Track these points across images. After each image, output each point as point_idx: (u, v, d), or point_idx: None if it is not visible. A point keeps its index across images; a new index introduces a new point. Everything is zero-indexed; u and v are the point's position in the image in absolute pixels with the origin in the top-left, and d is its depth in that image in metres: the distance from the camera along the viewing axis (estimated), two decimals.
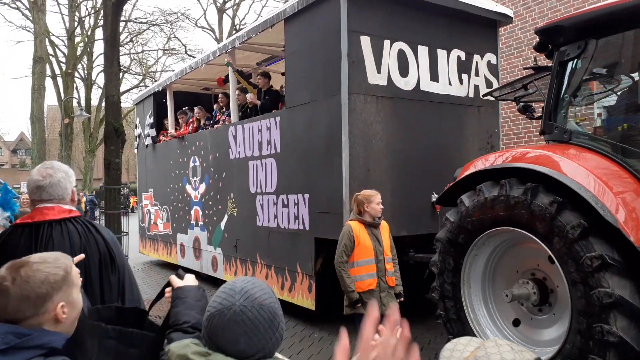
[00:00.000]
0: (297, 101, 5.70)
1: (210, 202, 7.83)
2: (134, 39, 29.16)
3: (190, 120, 8.98)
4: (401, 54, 5.43)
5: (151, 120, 10.08)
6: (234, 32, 25.02)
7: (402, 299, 4.37)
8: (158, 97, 10.12)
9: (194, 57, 26.53)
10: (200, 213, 8.16)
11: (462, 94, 5.95)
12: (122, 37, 21.22)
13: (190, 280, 1.67)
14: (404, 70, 5.44)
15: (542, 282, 3.67)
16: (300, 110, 5.66)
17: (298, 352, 4.93)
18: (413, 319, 5.43)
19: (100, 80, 27.60)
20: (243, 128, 6.85)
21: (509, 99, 4.99)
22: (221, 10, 27.59)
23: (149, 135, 10.10)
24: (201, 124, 8.75)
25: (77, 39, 25.84)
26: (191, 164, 8.43)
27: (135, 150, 11.40)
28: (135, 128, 11.29)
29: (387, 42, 5.31)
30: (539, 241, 3.34)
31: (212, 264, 7.79)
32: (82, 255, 1.85)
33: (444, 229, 4.07)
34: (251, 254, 6.68)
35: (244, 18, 35.68)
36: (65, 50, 25.66)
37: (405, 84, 5.45)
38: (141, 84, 31.23)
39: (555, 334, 3.50)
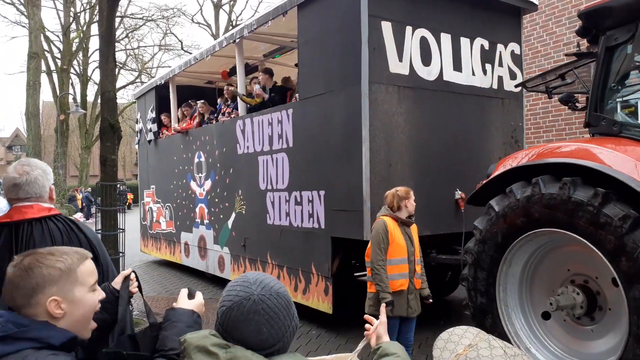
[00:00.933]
0: (312, 92, 5.37)
1: (216, 200, 7.50)
2: (129, 34, 28.97)
3: (195, 114, 8.63)
4: (423, 42, 5.10)
5: (153, 114, 9.74)
6: (231, 27, 24.72)
7: (431, 300, 4.14)
8: (160, 91, 9.79)
9: (190, 53, 26.43)
10: (206, 211, 7.83)
11: (486, 85, 5.63)
12: (117, 32, 21.07)
13: (196, 301, 1.59)
14: (426, 59, 5.11)
15: (588, 288, 3.35)
16: (315, 102, 5.32)
17: None
18: (434, 321, 5.18)
19: (96, 76, 27.32)
20: (252, 121, 6.52)
21: (541, 91, 4.66)
22: (217, 6, 27.38)
23: (150, 130, 9.76)
24: (205, 118, 8.41)
25: (73, 35, 25.57)
26: (196, 160, 8.09)
27: (136, 146, 11.06)
28: (137, 123, 10.94)
29: (409, 29, 4.98)
30: (581, 239, 3.03)
31: (218, 263, 7.46)
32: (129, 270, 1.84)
33: (474, 240, 3.75)
34: (261, 254, 6.35)
35: (240, 14, 35.45)
36: (61, 46, 25.42)
37: (428, 73, 5.12)
38: (137, 80, 31.24)
39: (608, 345, 3.18)
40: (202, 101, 8.48)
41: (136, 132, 10.95)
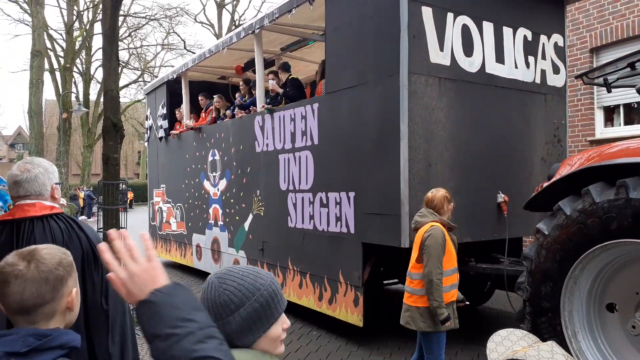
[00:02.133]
0: (341, 85, 4.94)
1: (232, 200, 7.09)
2: (132, 33, 28.88)
3: (210, 108, 8.22)
4: (465, 30, 4.66)
5: (164, 111, 9.34)
6: (233, 27, 24.56)
7: (467, 302, 3.86)
8: (171, 86, 9.39)
9: (193, 53, 26.52)
10: (220, 212, 7.42)
11: (529, 79, 5.18)
12: (120, 31, 21.01)
13: None
14: (468, 49, 4.67)
15: None
16: (345, 95, 4.89)
17: None
18: (466, 334, 4.74)
19: (99, 75, 27.13)
20: (272, 117, 6.10)
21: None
22: (220, 6, 27.21)
23: (161, 127, 9.36)
24: (220, 114, 8.00)
25: (76, 33, 25.45)
26: (210, 158, 7.68)
27: (146, 144, 10.67)
28: (146, 120, 10.55)
29: (450, 16, 4.54)
30: None
31: None
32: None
33: (536, 244, 3.31)
34: (281, 259, 5.93)
35: (243, 13, 35.38)
36: (64, 45, 25.26)
37: (470, 64, 4.68)
38: (140, 79, 31.32)
39: None
40: (218, 95, 8.07)
41: (145, 129, 10.55)
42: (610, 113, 7.29)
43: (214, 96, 8.12)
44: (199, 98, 8.58)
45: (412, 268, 3.54)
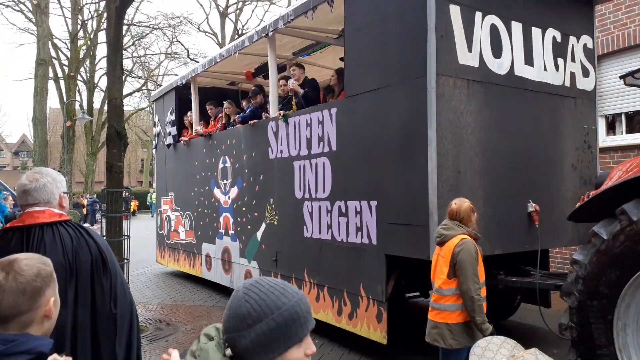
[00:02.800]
0: (361, 88, 4.71)
1: (243, 209, 6.84)
2: (136, 42, 29.13)
3: (220, 115, 8.01)
4: (494, 30, 4.42)
5: (172, 117, 9.15)
6: (236, 36, 24.70)
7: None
8: (180, 93, 9.20)
9: (197, 62, 26.48)
10: (231, 221, 7.18)
11: (558, 83, 4.93)
12: (124, 40, 21.15)
13: None
14: (496, 50, 4.43)
15: None
16: (366, 99, 4.66)
17: None
18: None
19: (103, 83, 27.44)
20: (287, 123, 5.87)
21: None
22: (224, 15, 27.32)
23: (170, 134, 9.16)
24: (231, 120, 7.78)
25: (80, 42, 25.64)
26: (220, 165, 7.45)
27: (154, 151, 10.47)
28: (154, 126, 10.36)
29: (478, 15, 4.31)
30: None
31: (245, 279, 6.78)
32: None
33: (591, 248, 3.05)
34: (296, 271, 5.67)
35: (246, 23, 35.65)
36: (68, 53, 25.45)
37: (499, 66, 4.44)
38: (143, 88, 31.56)
39: None
40: (229, 101, 7.87)
41: (153, 136, 10.35)
42: (612, 122, 7.14)
43: (225, 102, 7.91)
44: (207, 107, 8.36)
45: (444, 284, 3.29)
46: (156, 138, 10.15)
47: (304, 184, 5.55)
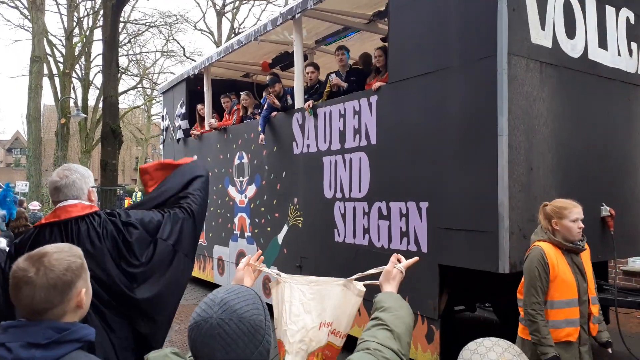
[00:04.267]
0: (410, 72, 4.09)
1: (262, 209, 6.23)
2: (132, 40, 28.94)
3: (235, 108, 7.40)
4: (567, 7, 3.81)
5: (183, 110, 8.53)
6: (233, 35, 24.44)
7: (611, 350, 2.97)
8: (191, 84, 8.60)
9: (193, 60, 26.44)
10: (248, 222, 6.56)
11: (632, 69, 4.33)
12: (120, 38, 20.80)
13: None
14: (570, 30, 3.82)
15: None
16: (415, 85, 4.04)
17: None
18: None
19: (98, 80, 27.01)
20: (315, 114, 5.26)
21: None
22: (220, 14, 26.99)
23: (179, 128, 8.55)
24: (248, 112, 7.18)
25: (75, 39, 25.46)
26: (236, 161, 6.84)
27: (161, 146, 9.85)
28: (162, 120, 9.75)
29: None
30: None
31: (263, 285, 6.17)
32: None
33: None
34: None
35: (243, 22, 35.67)
36: (63, 50, 25.22)
37: (572, 48, 3.83)
38: (138, 86, 31.52)
39: None
40: (246, 92, 7.25)
41: (162, 130, 9.75)
42: None
43: (242, 93, 7.30)
44: (223, 100, 7.73)
45: (519, 293, 2.96)
46: (164, 132, 9.53)
47: (335, 182, 4.94)
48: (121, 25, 22.81)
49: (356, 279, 2.11)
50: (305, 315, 1.97)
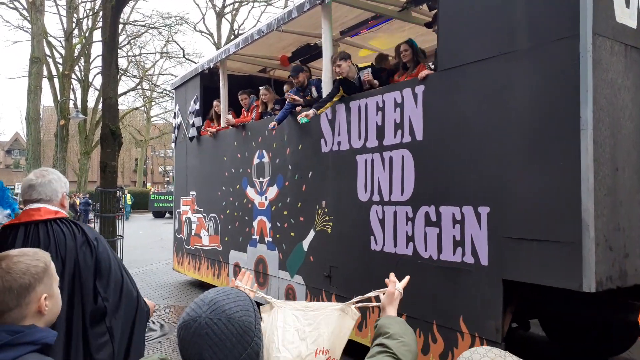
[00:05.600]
0: (466, 58, 3.59)
1: (285, 212, 5.74)
2: (131, 41, 29.06)
3: (254, 105, 6.92)
4: None
5: (197, 106, 8.07)
6: (232, 37, 24.39)
7: None
8: (206, 79, 8.13)
9: (192, 61, 26.25)
10: (268, 226, 6.07)
11: None
12: (120, 39, 20.90)
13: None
14: None
15: None
16: (473, 72, 3.54)
17: None
18: None
19: (97, 82, 27.38)
20: (347, 108, 4.77)
21: None
22: (220, 15, 26.93)
23: (193, 125, 8.08)
24: (268, 108, 6.69)
25: (75, 41, 25.44)
26: (256, 161, 6.36)
27: (173, 145, 9.39)
28: (174, 117, 9.29)
29: None
30: None
31: (286, 296, 5.68)
32: None
33: None
34: (358, 292, 4.53)
35: (242, 23, 35.71)
36: (63, 52, 25.19)
37: None
38: (138, 87, 31.76)
39: None
40: (266, 87, 6.77)
41: (173, 127, 9.29)
42: None
43: (261, 88, 6.81)
44: (240, 97, 7.23)
45: None
46: (176, 130, 9.07)
47: (371, 183, 4.44)
48: (121, 26, 23.18)
49: (354, 303, 2.03)
50: (300, 343, 1.91)
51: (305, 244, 5.36)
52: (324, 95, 5.18)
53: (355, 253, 4.60)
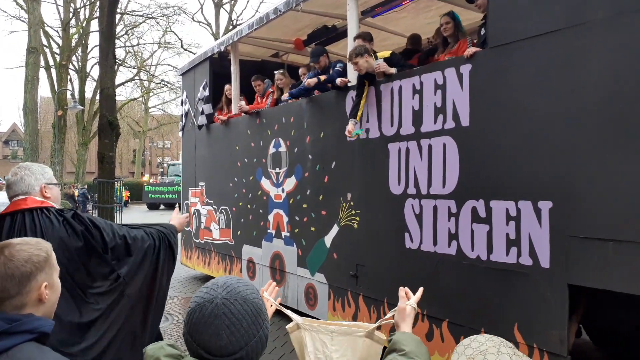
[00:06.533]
0: (522, 32, 3.14)
1: (304, 205, 5.33)
2: (129, 31, 28.88)
3: (270, 90, 6.48)
4: None
5: (206, 93, 7.63)
6: (231, 27, 24.38)
7: None
8: (215, 64, 7.69)
9: (191, 52, 25.94)
10: (286, 220, 5.67)
11: None
12: (117, 29, 21.03)
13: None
14: None
15: None
16: (531, 48, 3.10)
17: None
18: None
19: (95, 72, 27.93)
20: (378, 91, 4.33)
21: None
22: (218, 5, 26.72)
23: (202, 113, 7.65)
24: (284, 94, 6.25)
25: (72, 31, 25.16)
26: (271, 150, 5.94)
27: (180, 133, 8.97)
28: (181, 104, 8.86)
29: None
30: None
31: (306, 295, 5.29)
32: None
33: None
34: (390, 293, 4.15)
35: (241, 13, 35.55)
36: (60, 42, 24.93)
37: None
38: (136, 78, 31.60)
39: None
40: (281, 71, 6.33)
41: (180, 115, 8.86)
42: None
43: (276, 72, 6.38)
44: (254, 83, 6.78)
45: None
46: (183, 118, 8.63)
47: (406, 175, 4.02)
48: (118, 16, 23.20)
49: (377, 327, 1.96)
50: None
51: (328, 239, 4.96)
52: (350, 78, 4.74)
53: (386, 251, 4.19)
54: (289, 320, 2.14)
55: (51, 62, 24.77)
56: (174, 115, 35.45)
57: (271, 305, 1.81)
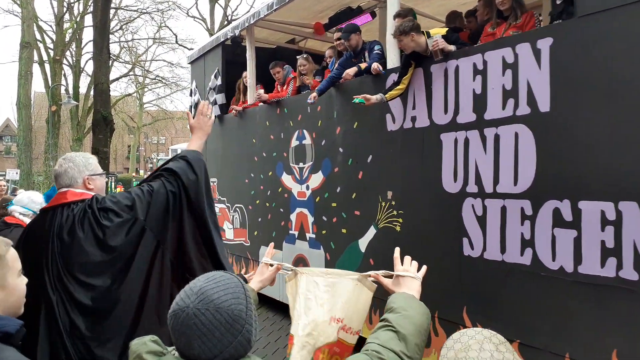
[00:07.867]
0: None
1: (333, 204, 4.77)
2: (123, 26, 28.50)
3: (291, 76, 5.91)
4: None
5: (218, 82, 7.06)
6: (226, 23, 23.98)
7: None
8: (228, 51, 7.12)
9: (186, 47, 25.50)
10: (311, 220, 5.11)
11: None
12: (112, 24, 20.56)
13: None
14: None
15: None
16: (637, 13, 2.54)
17: None
18: None
19: (89, 68, 26.62)
20: (427, 73, 3.77)
21: None
22: (213, 0, 26.43)
23: (215, 103, 7.08)
24: (306, 81, 5.69)
25: (66, 25, 24.83)
26: (294, 143, 5.37)
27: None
28: (190, 95, 8.29)
29: None
30: None
31: None
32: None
33: None
34: (443, 307, 3.59)
35: (236, 9, 35.26)
36: (54, 36, 24.65)
37: None
38: (130, 73, 31.38)
39: None
40: (304, 55, 5.75)
41: (190, 106, 8.29)
42: None
43: (299, 57, 5.79)
44: (274, 71, 6.18)
45: None
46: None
47: (464, 170, 3.46)
48: (112, 11, 22.70)
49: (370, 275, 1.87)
50: (318, 309, 1.85)
51: (363, 243, 4.40)
52: (390, 60, 4.17)
53: (438, 258, 3.63)
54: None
55: (45, 57, 24.44)
56: (169, 110, 35.11)
57: (271, 265, 1.87)
